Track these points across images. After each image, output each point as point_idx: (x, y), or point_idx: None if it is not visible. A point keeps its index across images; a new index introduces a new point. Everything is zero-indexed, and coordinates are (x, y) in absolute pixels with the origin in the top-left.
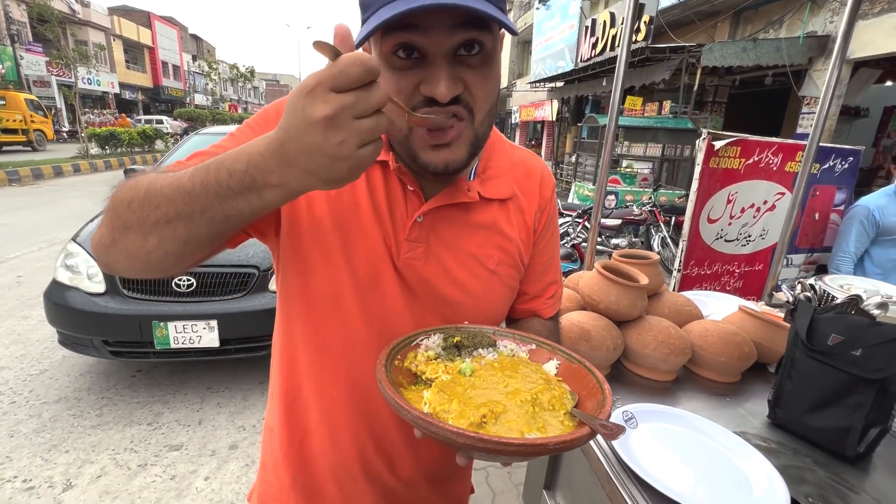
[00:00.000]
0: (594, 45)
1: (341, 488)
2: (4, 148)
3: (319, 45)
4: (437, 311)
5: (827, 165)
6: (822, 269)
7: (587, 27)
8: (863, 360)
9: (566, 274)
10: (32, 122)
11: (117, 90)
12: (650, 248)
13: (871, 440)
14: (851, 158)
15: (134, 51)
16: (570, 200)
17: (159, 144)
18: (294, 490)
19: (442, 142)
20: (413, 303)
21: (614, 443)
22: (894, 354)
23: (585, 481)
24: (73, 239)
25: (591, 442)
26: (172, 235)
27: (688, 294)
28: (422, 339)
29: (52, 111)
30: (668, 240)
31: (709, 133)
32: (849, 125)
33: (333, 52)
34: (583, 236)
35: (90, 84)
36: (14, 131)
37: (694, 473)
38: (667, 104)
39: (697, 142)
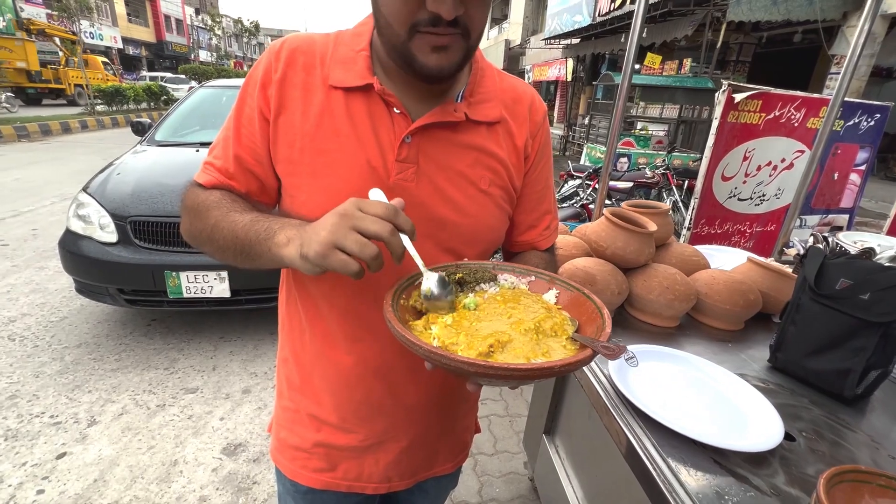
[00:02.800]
0: None
1: (345, 415)
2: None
3: (373, 191)
4: (431, 234)
5: (851, 122)
6: (836, 231)
7: None
8: (870, 304)
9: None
10: (107, 80)
11: (120, 45)
12: None
13: (870, 382)
14: (879, 115)
15: (135, 3)
16: (581, 163)
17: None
18: (308, 415)
19: (441, 44)
20: None
21: (614, 378)
22: None
23: (584, 426)
24: (84, 189)
25: (592, 378)
26: (223, 255)
27: (697, 247)
28: (425, 279)
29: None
30: (680, 204)
31: (729, 85)
32: (879, 87)
33: (374, 195)
34: (592, 197)
35: (93, 38)
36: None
37: (689, 406)
38: (687, 62)
39: (717, 94)
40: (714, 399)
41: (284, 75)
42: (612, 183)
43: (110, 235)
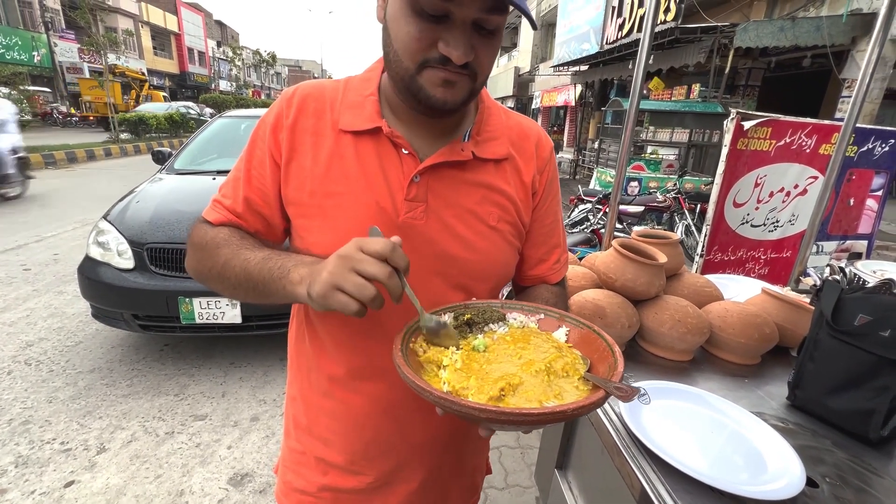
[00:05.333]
0: (621, 27)
1: (354, 456)
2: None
3: (371, 229)
4: (441, 270)
5: (865, 148)
6: (855, 258)
7: (614, 8)
8: (891, 341)
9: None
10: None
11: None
12: None
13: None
14: (893, 141)
15: (161, 37)
16: (591, 187)
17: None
18: (314, 458)
19: (450, 79)
20: (415, 263)
21: (625, 417)
22: None
23: (597, 460)
24: (104, 217)
25: (603, 417)
26: (235, 293)
27: (709, 277)
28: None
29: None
30: (693, 228)
31: (738, 113)
32: (893, 110)
33: (374, 234)
34: (603, 222)
35: None
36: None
37: (704, 448)
38: (696, 87)
39: (726, 122)
40: (731, 440)
41: (296, 121)
42: (623, 207)
43: (127, 262)
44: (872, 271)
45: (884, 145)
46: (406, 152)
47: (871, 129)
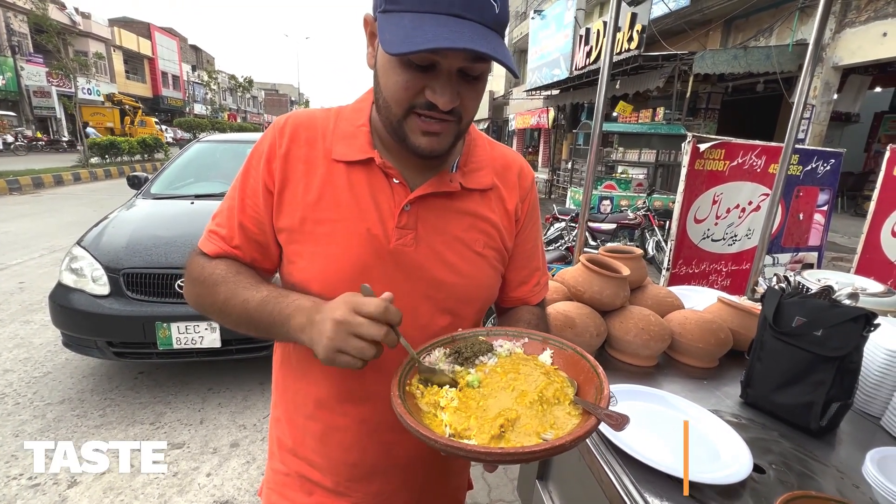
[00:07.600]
0: (588, 54)
1: (339, 478)
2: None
3: (363, 287)
4: (430, 295)
5: (809, 167)
6: (808, 268)
7: (581, 36)
8: (823, 339)
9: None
10: (159, 134)
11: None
12: (644, 251)
13: (832, 415)
14: (833, 161)
15: (134, 61)
16: (566, 206)
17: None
18: (299, 478)
19: (432, 130)
20: (405, 288)
21: None
22: (851, 334)
23: (575, 469)
24: (79, 243)
25: None
26: (236, 328)
27: (672, 288)
28: (424, 357)
29: (52, 121)
30: (663, 243)
31: (693, 136)
32: (840, 131)
33: (366, 292)
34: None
35: (90, 94)
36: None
37: (665, 443)
38: (660, 111)
39: (683, 144)
40: (691, 436)
41: (288, 150)
42: (596, 224)
43: (102, 288)
44: (817, 280)
45: (825, 164)
46: (397, 182)
47: (813, 150)
